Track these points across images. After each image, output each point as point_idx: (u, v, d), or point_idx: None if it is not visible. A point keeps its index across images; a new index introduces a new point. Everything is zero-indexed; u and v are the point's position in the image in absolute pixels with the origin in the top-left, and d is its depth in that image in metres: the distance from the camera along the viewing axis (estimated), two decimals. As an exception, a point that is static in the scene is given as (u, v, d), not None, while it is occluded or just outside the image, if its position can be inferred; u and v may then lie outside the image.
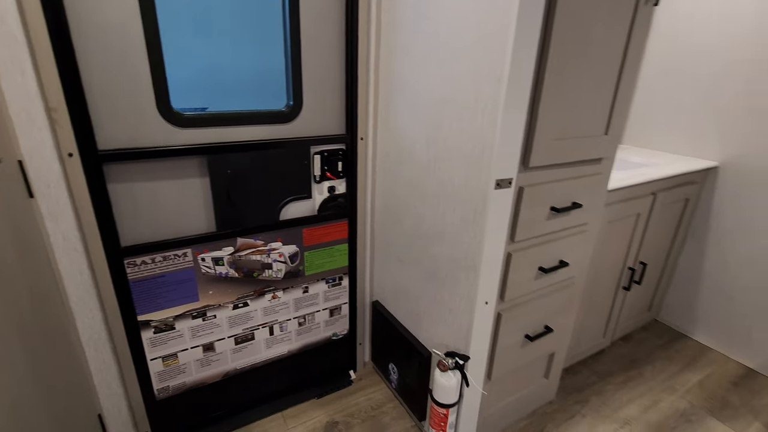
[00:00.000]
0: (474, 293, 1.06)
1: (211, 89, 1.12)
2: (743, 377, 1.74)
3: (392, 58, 1.21)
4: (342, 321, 1.56)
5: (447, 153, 1.05)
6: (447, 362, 1.13)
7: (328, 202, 1.36)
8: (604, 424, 1.49)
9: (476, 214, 1.00)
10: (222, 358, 1.34)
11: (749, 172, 1.68)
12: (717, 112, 1.74)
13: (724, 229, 1.80)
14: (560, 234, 1.20)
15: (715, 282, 1.86)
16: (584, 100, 1.04)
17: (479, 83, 0.92)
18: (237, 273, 1.27)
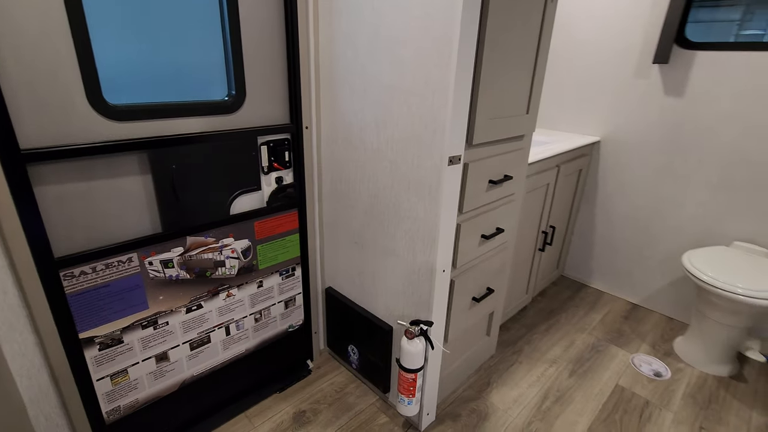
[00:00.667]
0: (433, 263, 1.17)
1: (148, 79, 1.04)
2: (630, 311, 2.14)
3: (334, 46, 1.24)
4: (297, 312, 1.56)
5: (400, 135, 1.13)
6: (414, 330, 1.22)
7: (277, 192, 1.35)
8: (537, 366, 1.72)
9: (431, 189, 1.10)
10: (177, 367, 1.27)
11: (622, 145, 2.06)
12: (595, 95, 2.09)
13: (607, 193, 2.18)
14: (496, 204, 1.36)
15: (603, 238, 2.24)
16: (510, 83, 1.19)
17: (428, 68, 1.01)
18: (188, 274, 1.21)
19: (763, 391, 1.63)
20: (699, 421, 1.48)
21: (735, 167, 1.76)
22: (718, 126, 1.77)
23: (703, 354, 1.74)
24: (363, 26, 1.13)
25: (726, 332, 1.66)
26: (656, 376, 1.70)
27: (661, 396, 1.59)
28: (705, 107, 1.79)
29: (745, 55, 1.65)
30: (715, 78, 1.73)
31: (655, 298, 2.13)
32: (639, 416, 1.49)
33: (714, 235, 1.88)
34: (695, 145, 1.85)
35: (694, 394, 1.60)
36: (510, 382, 1.63)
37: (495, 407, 1.51)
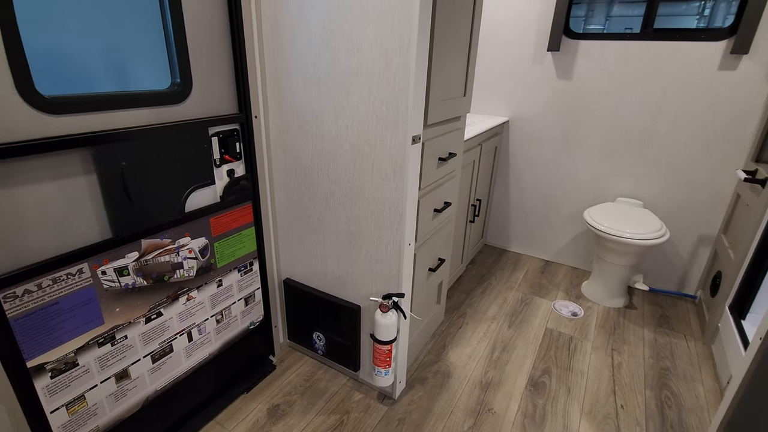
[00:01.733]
0: (401, 238, 1.25)
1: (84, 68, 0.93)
2: (545, 267, 2.49)
3: (283, 33, 1.23)
4: (257, 308, 1.52)
5: (360, 118, 1.18)
6: (387, 303, 1.29)
7: (231, 186, 1.29)
8: (481, 325, 1.93)
9: (397, 168, 1.17)
10: (139, 383, 1.16)
11: (526, 123, 2.36)
12: (502, 80, 2.35)
13: (517, 166, 2.48)
14: (443, 180, 1.48)
15: (516, 205, 2.55)
16: (452, 67, 1.31)
17: (388, 52, 1.07)
18: (146, 281, 1.11)
19: (648, 313, 2.05)
20: (610, 344, 1.82)
21: (614, 136, 2.15)
22: (599, 102, 2.13)
23: (604, 292, 2.12)
24: (315, 13, 1.14)
25: (619, 271, 2.04)
26: (573, 315, 2.02)
27: (580, 330, 1.90)
28: (589, 87, 2.14)
29: (615, 43, 2.02)
30: (595, 62, 2.08)
31: (562, 253, 2.51)
32: (568, 349, 1.78)
33: (603, 194, 2.27)
34: (583, 120, 2.20)
35: (603, 325, 1.95)
36: (462, 342, 1.81)
37: (455, 365, 1.67)
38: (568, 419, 1.43)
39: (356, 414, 1.43)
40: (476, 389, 1.55)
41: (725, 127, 1.90)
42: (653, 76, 1.98)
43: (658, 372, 1.66)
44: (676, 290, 2.23)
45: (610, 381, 1.61)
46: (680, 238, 2.14)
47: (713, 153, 1.96)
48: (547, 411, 1.46)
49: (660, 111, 2.01)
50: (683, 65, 1.91)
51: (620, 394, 1.55)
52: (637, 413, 1.47)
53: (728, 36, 1.81)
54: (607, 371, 1.66)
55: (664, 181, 2.10)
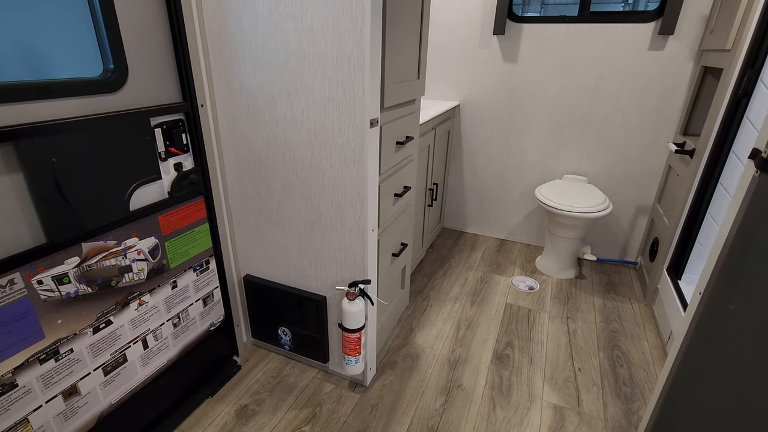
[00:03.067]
0: (364, 223, 1.23)
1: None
2: (500, 245, 2.58)
3: (226, 15, 1.15)
4: (217, 307, 1.45)
5: (315, 103, 1.14)
6: (354, 291, 1.27)
7: (179, 180, 1.21)
8: (445, 306, 1.97)
9: (356, 152, 1.15)
10: (92, 399, 1.07)
11: (476, 107, 2.41)
12: (451, 65, 2.38)
13: (470, 149, 2.53)
14: (402, 164, 1.48)
15: (470, 188, 2.62)
16: (405, 50, 1.30)
17: (341, 35, 1.04)
18: (90, 287, 1.02)
19: (596, 281, 2.19)
20: (565, 313, 1.93)
21: (558, 117, 2.25)
22: (544, 84, 2.22)
23: (556, 265, 2.23)
24: None
25: (569, 244, 2.16)
26: (530, 289, 2.12)
27: (537, 303, 2.00)
28: (533, 69, 2.21)
29: (556, 26, 2.10)
30: (538, 45, 2.16)
31: (516, 231, 2.61)
32: (527, 321, 1.86)
33: (551, 172, 2.38)
34: (529, 101, 2.28)
35: (558, 296, 2.06)
36: (428, 324, 1.83)
37: (422, 347, 1.69)
38: (532, 386, 1.50)
39: (329, 405, 1.41)
40: (445, 368, 1.58)
41: (656, 105, 2.05)
42: (591, 58, 2.09)
43: (608, 335, 1.79)
44: (619, 258, 2.40)
45: (567, 347, 1.71)
46: (621, 209, 2.30)
47: (646, 129, 2.11)
48: (513, 381, 1.53)
49: (598, 91, 2.13)
50: (617, 46, 2.03)
51: (577, 358, 1.64)
52: (593, 374, 1.57)
53: (656, 18, 1.94)
54: (564, 338, 1.76)
55: (605, 157, 2.24)
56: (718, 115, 1.56)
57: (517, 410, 1.41)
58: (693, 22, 1.88)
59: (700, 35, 1.88)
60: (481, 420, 1.37)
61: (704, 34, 1.86)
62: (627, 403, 1.44)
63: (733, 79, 1.49)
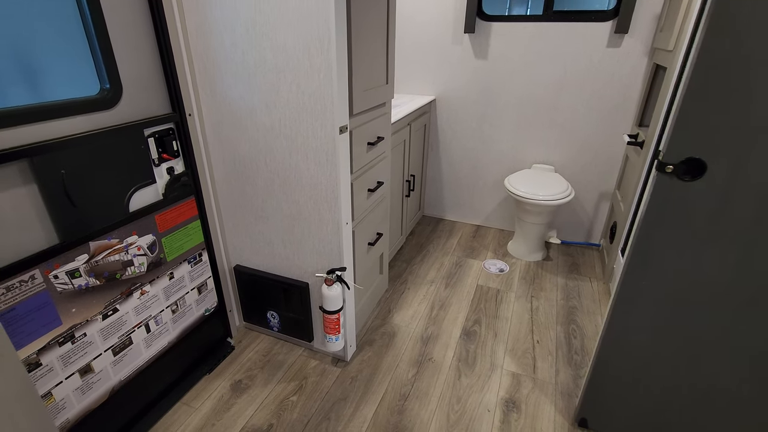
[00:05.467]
0: (338, 218, 1.39)
1: (6, 80, 0.95)
2: (476, 231, 2.76)
3: (209, 35, 1.28)
4: (210, 295, 1.61)
5: (291, 113, 1.28)
6: (332, 277, 1.44)
7: (172, 183, 1.35)
8: (421, 288, 2.15)
9: (328, 155, 1.30)
10: (104, 376, 1.24)
11: (451, 101, 2.55)
12: (426, 61, 2.51)
13: (446, 141, 2.68)
14: (374, 162, 1.63)
15: (448, 177, 2.78)
16: (373, 59, 1.44)
17: (311, 52, 1.17)
18: (98, 280, 1.17)
19: (561, 263, 2.38)
20: (530, 293, 2.12)
21: (527, 109, 2.40)
22: (512, 78, 2.36)
23: (525, 249, 2.41)
24: (238, 16, 1.21)
25: (537, 229, 2.33)
26: (500, 271, 2.30)
27: (505, 284, 2.19)
28: (503, 65, 2.35)
29: (523, 24, 2.23)
30: (507, 42, 2.29)
31: (490, 218, 2.78)
32: (495, 301, 2.05)
33: (520, 161, 2.54)
34: (500, 96, 2.43)
35: (525, 277, 2.25)
36: (405, 305, 2.02)
37: (399, 326, 1.88)
38: (495, 357, 1.70)
39: (314, 378, 1.59)
40: (418, 344, 1.77)
41: (615, 98, 2.21)
42: (556, 54, 2.23)
43: (567, 310, 1.98)
44: (584, 241, 2.59)
45: (529, 322, 1.90)
46: (585, 196, 2.48)
47: (607, 121, 2.27)
48: (478, 353, 1.72)
49: (563, 85, 2.28)
50: (579, 43, 2.17)
51: (537, 332, 1.84)
52: (550, 345, 1.76)
53: (613, 17, 2.08)
54: (526, 315, 1.95)
55: (570, 147, 2.40)
56: (662, 110, 1.72)
57: (480, 378, 1.60)
58: (646, 21, 2.02)
59: (653, 34, 2.03)
60: (447, 387, 1.56)
61: (656, 33, 2.01)
62: (576, 369, 1.64)
63: (674, 78, 1.65)
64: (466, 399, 1.51)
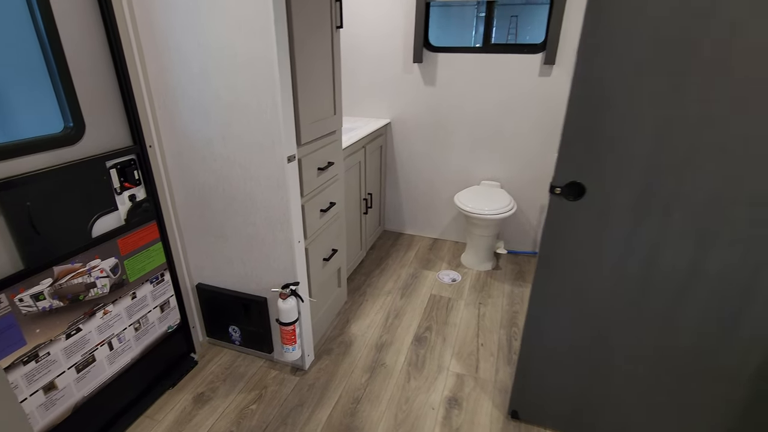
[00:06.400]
0: (291, 237, 1.53)
1: (-22, 124, 1.06)
2: (433, 244, 2.94)
3: (167, 76, 1.41)
4: (173, 312, 1.70)
5: (244, 145, 1.42)
6: (286, 292, 1.57)
7: (134, 209, 1.46)
8: (378, 299, 2.29)
9: (279, 182, 1.44)
10: (67, 393, 1.32)
11: (405, 124, 2.75)
12: (381, 88, 2.70)
13: (402, 161, 2.87)
14: (326, 185, 1.78)
15: (406, 194, 2.96)
16: (320, 94, 1.60)
17: (258, 92, 1.32)
18: (62, 302, 1.26)
19: (509, 271, 2.58)
20: (478, 300, 2.30)
21: (474, 131, 2.62)
22: (459, 103, 2.58)
23: (476, 259, 2.60)
24: (193, 60, 1.35)
25: (485, 241, 2.53)
26: (453, 281, 2.48)
27: (457, 292, 2.36)
28: (450, 91, 2.57)
29: (465, 55, 2.46)
30: (452, 71, 2.51)
31: (446, 231, 2.97)
32: (446, 308, 2.21)
33: (470, 179, 2.75)
34: (449, 118, 2.64)
35: (475, 285, 2.43)
36: (362, 316, 2.15)
37: (355, 335, 2.01)
38: (442, 360, 1.85)
39: (273, 387, 1.70)
40: (372, 351, 1.91)
41: (549, 120, 2.45)
42: (496, 82, 2.46)
43: (510, 315, 2.17)
44: (530, 250, 2.80)
45: (475, 327, 2.07)
46: (529, 209, 2.70)
47: (543, 141, 2.51)
48: (427, 357, 1.87)
49: (506, 109, 2.51)
50: (515, 73, 2.41)
51: (482, 336, 2.01)
52: (492, 347, 1.94)
53: (542, 50, 2.33)
54: (474, 320, 2.12)
55: (514, 165, 2.62)
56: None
57: (427, 380, 1.75)
58: (570, 53, 2.28)
59: (577, 64, 2.29)
60: (397, 389, 1.70)
61: (579, 64, 2.27)
62: (514, 367, 1.81)
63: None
64: (414, 399, 1.65)
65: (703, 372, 1.21)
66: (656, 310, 1.19)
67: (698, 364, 1.21)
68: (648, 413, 1.34)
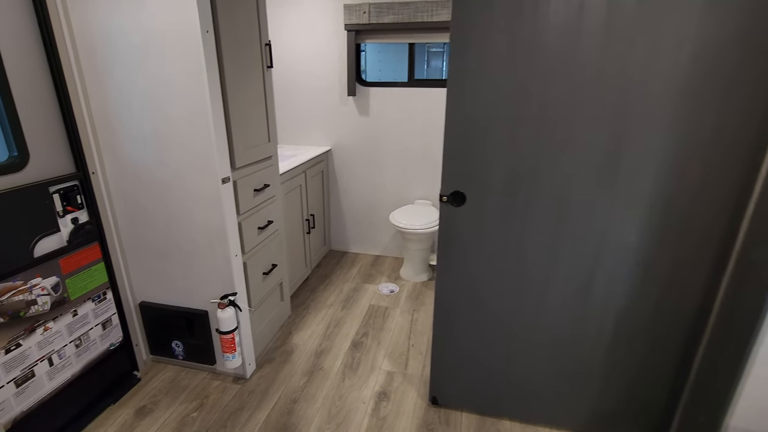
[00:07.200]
0: (227, 251, 1.69)
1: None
2: (375, 260, 3.15)
3: (110, 110, 1.58)
4: (115, 330, 1.79)
5: (182, 168, 1.59)
6: (224, 302, 1.71)
7: (76, 231, 1.58)
8: (320, 311, 2.45)
9: (215, 202, 1.61)
10: (6, 407, 1.38)
11: (344, 150, 3.00)
12: (321, 118, 2.96)
13: (344, 183, 3.10)
14: (263, 204, 1.97)
15: (349, 214, 3.18)
16: (253, 124, 1.81)
17: (193, 123, 1.52)
18: (2, 318, 1.35)
19: (442, 281, 2.83)
20: (413, 308, 2.51)
21: (405, 155, 2.90)
22: (390, 130, 2.87)
23: (413, 272, 2.83)
24: (133, 95, 1.53)
25: (420, 254, 2.77)
26: (391, 292, 2.68)
27: (394, 302, 2.56)
28: (381, 120, 2.86)
29: (393, 89, 2.77)
30: (383, 102, 2.81)
31: (387, 248, 3.20)
32: (383, 316, 2.41)
33: (405, 198, 3.02)
34: (383, 144, 2.92)
35: (411, 295, 2.65)
36: (305, 327, 2.30)
37: (297, 345, 2.15)
38: (375, 361, 2.03)
39: (214, 396, 1.80)
40: (312, 357, 2.06)
41: (468, 145, 2.77)
42: (422, 112, 2.78)
43: (440, 318, 2.39)
44: (462, 261, 3.07)
45: (408, 331, 2.27)
46: (459, 223, 2.98)
47: (465, 162, 2.83)
48: (362, 360, 2.04)
49: (429, 135, 2.82)
50: (434, 103, 2.74)
51: (413, 338, 2.21)
52: (422, 347, 2.14)
53: (459, 84, 2.68)
54: (407, 325, 2.33)
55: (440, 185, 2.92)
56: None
57: (360, 378, 1.92)
58: (481, 88, 2.63)
59: (487, 96, 2.65)
60: (332, 388, 1.85)
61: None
62: (439, 362, 2.01)
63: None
64: (347, 396, 1.81)
65: (572, 339, 1.47)
66: (531, 295, 1.45)
67: (569, 335, 1.47)
68: (540, 384, 1.58)
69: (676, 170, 1.20)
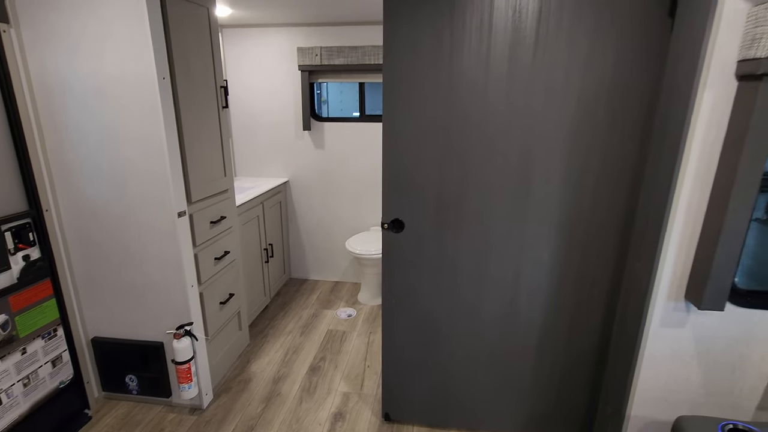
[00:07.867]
0: (183, 282, 1.75)
1: None
2: (334, 286, 3.24)
3: (66, 151, 1.64)
4: (66, 368, 1.78)
5: (138, 203, 1.66)
6: (180, 332, 1.76)
7: (27, 268, 1.60)
8: (279, 339, 2.51)
9: (171, 235, 1.69)
10: (-53, 450, 1.35)
11: (301, 181, 3.13)
12: (278, 152, 3.09)
13: (302, 213, 3.21)
14: (220, 236, 2.05)
15: (308, 243, 3.27)
16: (209, 160, 1.92)
17: (150, 160, 1.61)
18: (-52, 358, 1.35)
19: (398, 304, 2.95)
20: (369, 330, 2.61)
21: (358, 185, 3.07)
22: (344, 162, 3.04)
23: (369, 295, 2.95)
24: (90, 136, 1.61)
25: (376, 278, 2.90)
26: (349, 316, 2.78)
27: (351, 326, 2.66)
28: (335, 152, 3.03)
29: (346, 124, 2.96)
30: (337, 136, 2.99)
31: (346, 274, 3.31)
32: (340, 340, 2.49)
33: (361, 225, 3.16)
34: (338, 175, 3.07)
35: (367, 318, 2.75)
36: (263, 355, 2.34)
37: (255, 373, 2.19)
38: (332, 383, 2.10)
39: (170, 429, 1.81)
40: (269, 384, 2.10)
41: (418, 174, 2.98)
42: (372, 144, 2.97)
43: (396, 339, 2.50)
44: (418, 284, 3.23)
45: (364, 353, 2.37)
46: (413, 248, 3.15)
47: (416, 190, 3.02)
48: (319, 383, 2.11)
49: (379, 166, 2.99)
50: (386, 137, 2.94)
51: (369, 359, 2.31)
52: (377, 367, 2.23)
53: (406, 119, 2.90)
54: (364, 347, 2.42)
55: (395, 211, 3.09)
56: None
57: (317, 401, 1.98)
58: (427, 122, 2.87)
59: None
60: (289, 413, 1.90)
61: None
62: (393, 381, 2.12)
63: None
64: (304, 419, 1.87)
65: (504, 351, 1.63)
66: (466, 311, 1.61)
67: (501, 347, 1.63)
68: (480, 393, 1.72)
69: (573, 198, 1.41)
